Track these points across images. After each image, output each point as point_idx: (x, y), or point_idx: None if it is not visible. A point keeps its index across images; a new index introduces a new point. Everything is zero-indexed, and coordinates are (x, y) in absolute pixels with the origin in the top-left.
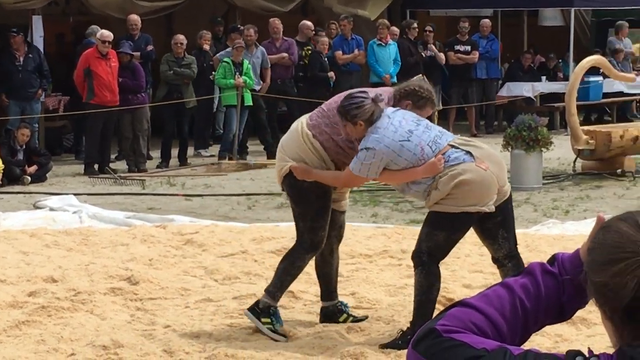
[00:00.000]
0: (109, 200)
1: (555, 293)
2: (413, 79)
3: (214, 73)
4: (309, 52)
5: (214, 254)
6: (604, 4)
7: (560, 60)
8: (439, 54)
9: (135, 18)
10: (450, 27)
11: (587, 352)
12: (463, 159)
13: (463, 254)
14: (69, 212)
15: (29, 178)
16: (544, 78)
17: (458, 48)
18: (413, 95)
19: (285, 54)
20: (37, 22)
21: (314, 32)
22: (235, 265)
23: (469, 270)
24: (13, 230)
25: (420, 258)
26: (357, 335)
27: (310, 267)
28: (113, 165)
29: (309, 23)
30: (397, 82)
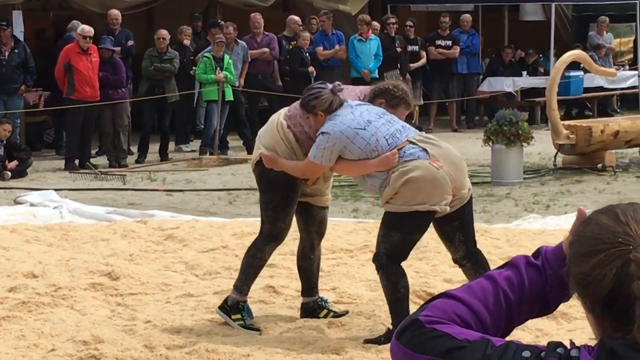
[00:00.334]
0: (90, 196)
1: (539, 286)
2: (390, 78)
3: (195, 68)
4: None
5: (195, 249)
6: None
7: (541, 55)
8: (421, 54)
9: (116, 13)
10: (431, 22)
11: (569, 344)
12: (418, 156)
13: (444, 249)
14: (50, 207)
15: (10, 173)
16: (525, 73)
17: (439, 43)
18: (386, 94)
19: (267, 49)
20: (17, 17)
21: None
22: (216, 260)
23: (450, 265)
24: None
25: (379, 261)
26: (337, 330)
27: (292, 262)
28: (94, 161)
29: (297, 18)
30: (377, 77)
